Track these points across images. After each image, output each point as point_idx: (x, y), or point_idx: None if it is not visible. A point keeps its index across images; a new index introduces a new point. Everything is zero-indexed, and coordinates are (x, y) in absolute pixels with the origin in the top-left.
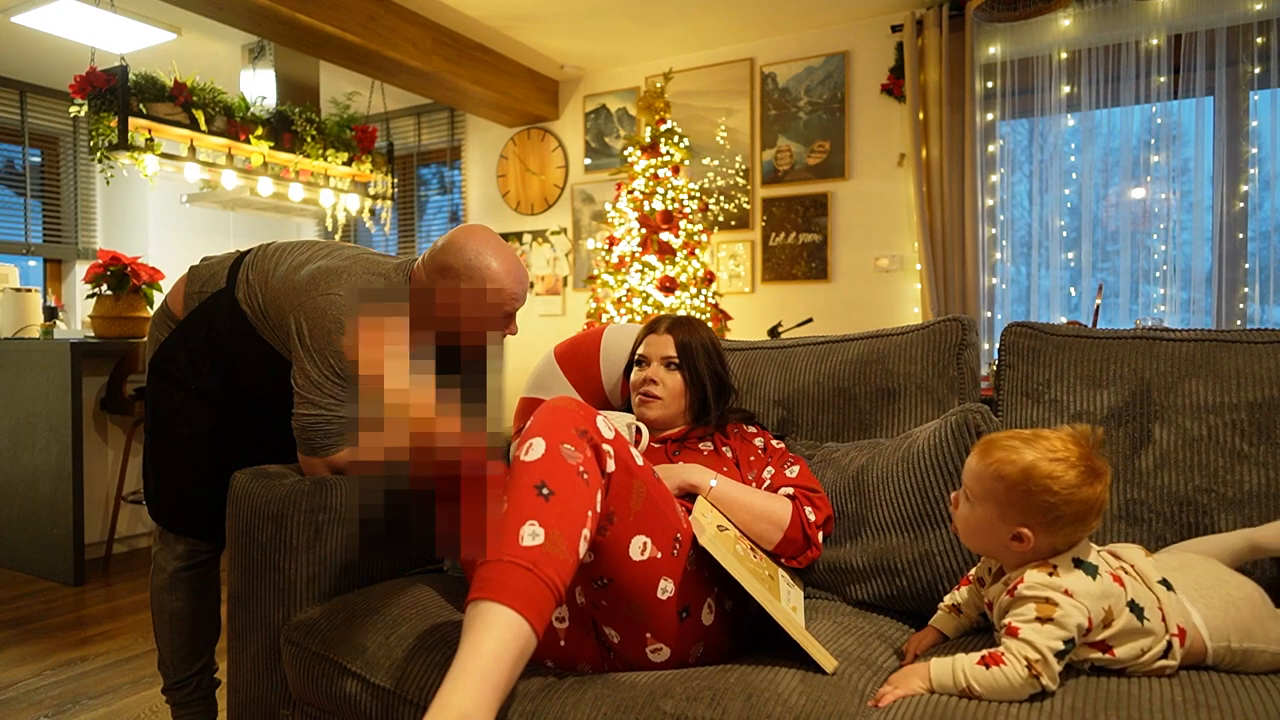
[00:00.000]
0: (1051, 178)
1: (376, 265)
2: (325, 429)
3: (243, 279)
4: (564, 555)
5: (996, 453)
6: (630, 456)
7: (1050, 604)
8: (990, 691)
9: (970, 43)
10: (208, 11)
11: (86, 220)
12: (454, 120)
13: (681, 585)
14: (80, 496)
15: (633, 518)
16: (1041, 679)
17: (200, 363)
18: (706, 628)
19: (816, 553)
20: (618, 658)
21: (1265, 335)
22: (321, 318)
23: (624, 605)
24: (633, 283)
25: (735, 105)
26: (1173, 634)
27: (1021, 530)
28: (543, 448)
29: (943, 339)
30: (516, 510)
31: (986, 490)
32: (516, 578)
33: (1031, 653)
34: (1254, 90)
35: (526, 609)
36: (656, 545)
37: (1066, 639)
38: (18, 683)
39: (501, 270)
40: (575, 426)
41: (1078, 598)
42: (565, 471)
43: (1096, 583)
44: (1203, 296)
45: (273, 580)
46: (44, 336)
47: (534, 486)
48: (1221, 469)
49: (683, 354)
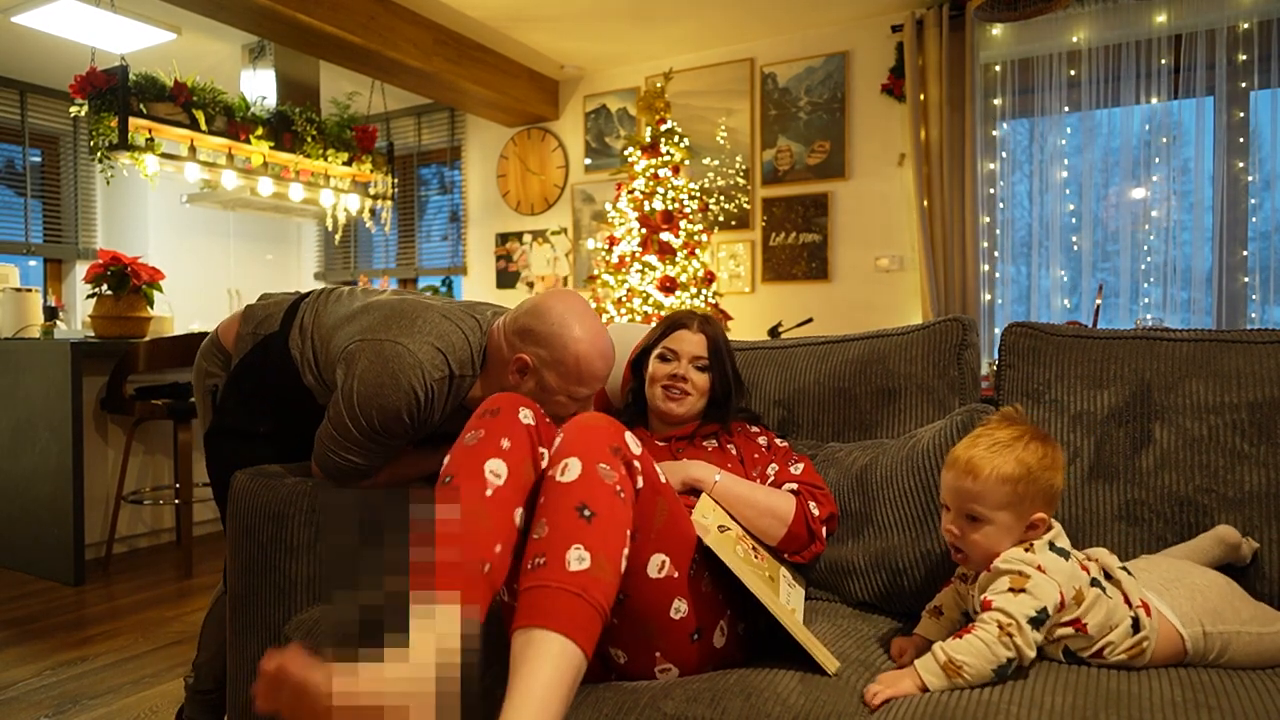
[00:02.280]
0: (1051, 178)
1: (452, 315)
2: (338, 465)
3: (297, 324)
4: (609, 577)
5: (983, 465)
6: (655, 474)
7: (1022, 576)
8: (969, 656)
9: (970, 43)
10: (208, 11)
11: (86, 220)
12: (454, 120)
13: (695, 606)
14: (80, 496)
15: (654, 535)
16: (1015, 639)
17: (255, 404)
18: (717, 650)
19: (820, 547)
20: (622, 679)
21: (1265, 335)
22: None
23: (636, 623)
24: (633, 283)
25: (735, 105)
26: (1137, 606)
27: (1036, 518)
28: (579, 468)
29: (943, 339)
30: (560, 534)
31: (1000, 500)
32: (566, 603)
33: (1003, 617)
34: (1254, 90)
35: (579, 635)
36: (674, 564)
37: (1039, 608)
38: (18, 683)
39: (589, 346)
40: (609, 444)
41: (1050, 573)
42: (604, 491)
43: (1068, 564)
44: (1203, 296)
45: (273, 580)
46: (44, 336)
47: (575, 509)
48: (1222, 469)
49: (713, 355)
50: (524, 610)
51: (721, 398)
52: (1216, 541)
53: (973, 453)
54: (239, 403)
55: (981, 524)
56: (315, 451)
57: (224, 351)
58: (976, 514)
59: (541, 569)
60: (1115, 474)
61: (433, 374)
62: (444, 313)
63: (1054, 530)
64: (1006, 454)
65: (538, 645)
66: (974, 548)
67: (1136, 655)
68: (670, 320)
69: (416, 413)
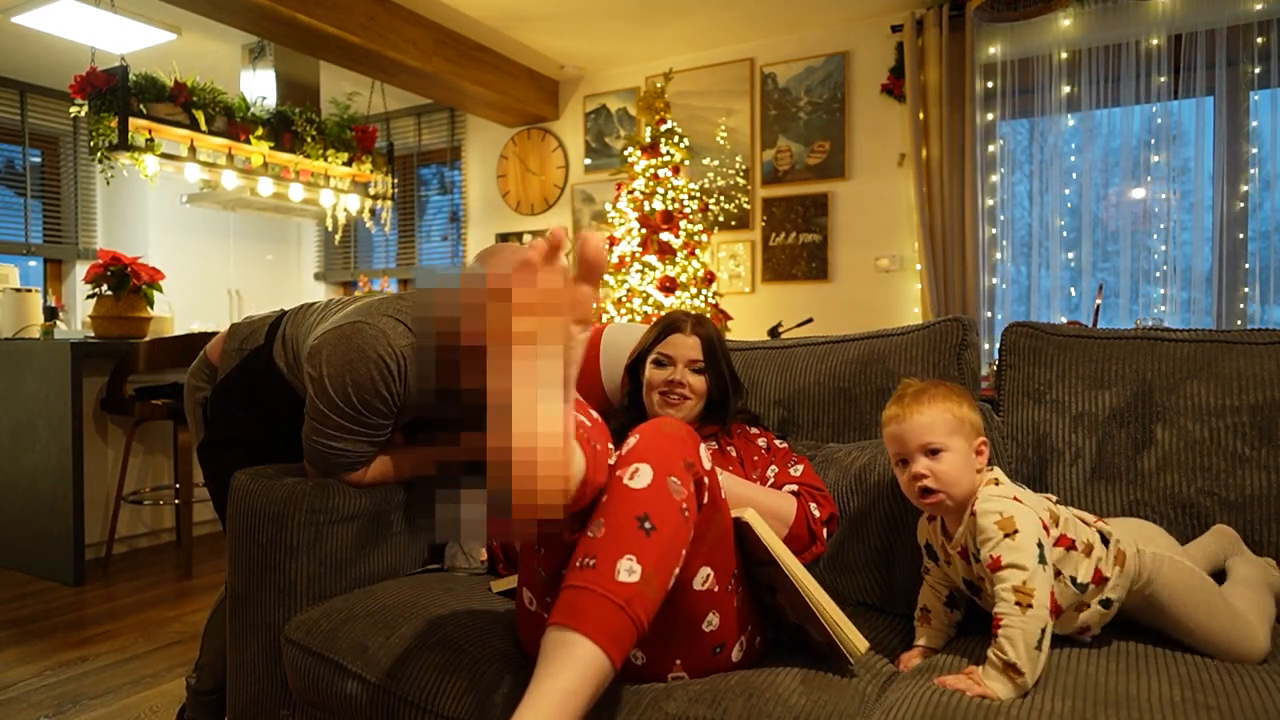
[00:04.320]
0: (1051, 178)
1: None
2: (325, 454)
3: (280, 336)
4: (655, 594)
5: (923, 401)
6: (718, 489)
7: (1005, 516)
8: (1015, 648)
9: (970, 43)
10: (208, 11)
11: (86, 220)
12: (454, 120)
13: (726, 620)
14: (80, 496)
15: (705, 549)
16: (1033, 594)
17: (243, 414)
18: (734, 663)
19: (821, 549)
20: (633, 680)
21: (1266, 336)
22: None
23: (667, 630)
24: (633, 283)
25: (735, 105)
26: (1095, 524)
27: (979, 443)
28: (649, 477)
29: (943, 339)
30: (616, 540)
31: (949, 426)
32: (606, 612)
33: (1014, 578)
34: (1254, 90)
35: (612, 645)
36: (717, 578)
37: (1037, 541)
38: (18, 683)
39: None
40: (684, 458)
41: (1026, 501)
42: (669, 507)
43: (1026, 493)
44: (1203, 296)
45: (273, 580)
46: (44, 336)
47: (636, 518)
48: (1223, 471)
49: (708, 357)
50: (563, 608)
51: (719, 399)
52: (1217, 536)
53: (905, 400)
54: (227, 415)
55: (942, 453)
56: (305, 450)
57: (212, 369)
58: (935, 445)
59: (590, 570)
60: (1117, 475)
61: (397, 340)
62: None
63: (995, 469)
64: (932, 392)
65: (569, 647)
66: (946, 479)
67: (1123, 569)
68: (664, 323)
69: (392, 382)
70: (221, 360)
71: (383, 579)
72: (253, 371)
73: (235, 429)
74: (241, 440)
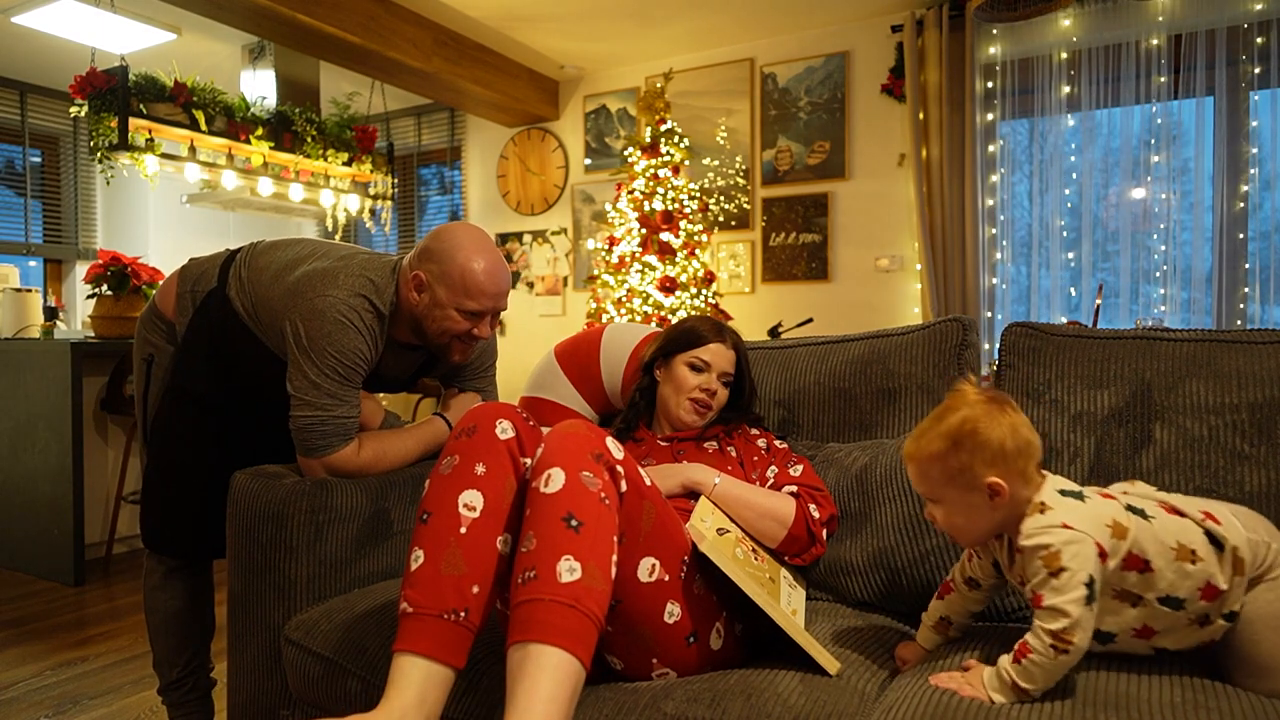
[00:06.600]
0: (1051, 178)
1: (369, 266)
2: (322, 429)
3: (234, 276)
4: (601, 586)
5: (913, 453)
6: (640, 477)
7: (1051, 552)
8: (1034, 680)
9: (970, 43)
10: (208, 11)
11: (87, 220)
12: (454, 120)
13: (689, 609)
14: (80, 496)
15: (642, 539)
16: (1072, 639)
17: (216, 369)
18: (715, 652)
19: (821, 550)
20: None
21: (1266, 335)
22: (320, 319)
23: (630, 629)
24: (633, 283)
25: (735, 105)
26: (1201, 520)
27: (990, 483)
28: (563, 478)
29: (943, 339)
30: (549, 546)
31: (938, 478)
32: (559, 615)
33: (1054, 622)
34: (1254, 90)
35: (576, 646)
36: (665, 568)
37: (1086, 580)
38: (18, 683)
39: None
40: (590, 451)
41: (1076, 526)
42: (589, 500)
43: (1087, 505)
44: (1203, 296)
45: (273, 580)
46: (44, 337)
47: (561, 519)
48: (1222, 470)
49: (738, 372)
50: (518, 625)
51: (731, 406)
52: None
53: (908, 444)
54: (192, 367)
55: (939, 504)
56: (294, 429)
57: (164, 319)
58: (932, 497)
59: (533, 582)
60: (1115, 474)
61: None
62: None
63: (1050, 479)
64: (930, 434)
65: (535, 659)
66: (953, 529)
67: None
68: (701, 329)
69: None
70: (177, 305)
71: (383, 579)
72: (212, 323)
73: (202, 385)
74: (205, 402)
